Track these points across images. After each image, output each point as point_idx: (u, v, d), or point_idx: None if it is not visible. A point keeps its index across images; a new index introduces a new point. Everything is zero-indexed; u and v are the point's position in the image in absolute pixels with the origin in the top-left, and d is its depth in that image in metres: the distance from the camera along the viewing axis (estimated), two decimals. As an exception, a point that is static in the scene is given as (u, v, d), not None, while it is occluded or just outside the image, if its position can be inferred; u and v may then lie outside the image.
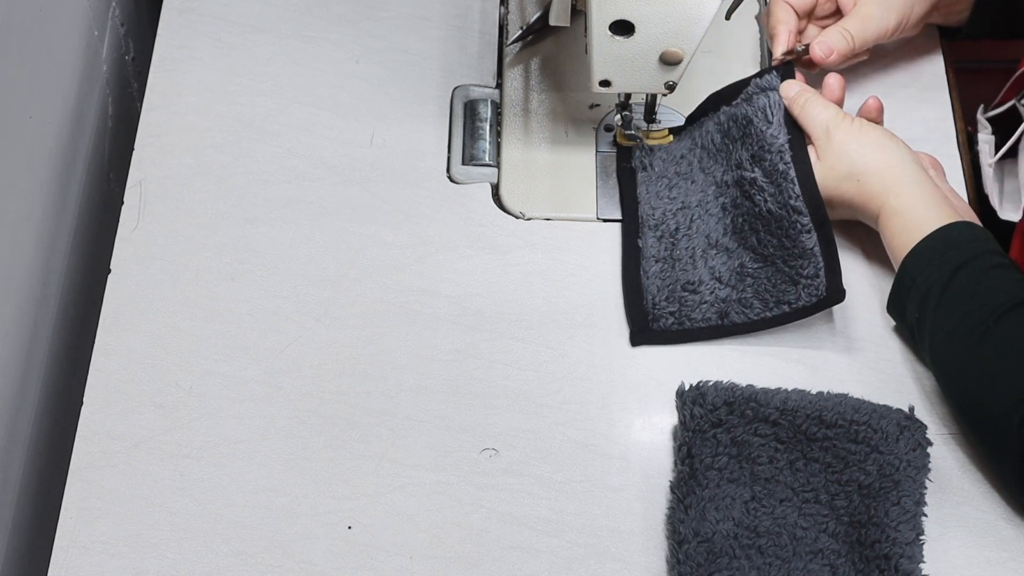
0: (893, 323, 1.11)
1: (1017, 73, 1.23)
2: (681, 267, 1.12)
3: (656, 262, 1.12)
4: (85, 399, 1.06)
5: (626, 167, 1.19)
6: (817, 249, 1.09)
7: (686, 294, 1.11)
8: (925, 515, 1.00)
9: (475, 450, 1.05)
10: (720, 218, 1.13)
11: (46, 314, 1.17)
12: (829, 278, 1.08)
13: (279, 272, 1.13)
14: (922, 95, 1.24)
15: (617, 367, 1.09)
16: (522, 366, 1.09)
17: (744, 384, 1.04)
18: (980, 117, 1.24)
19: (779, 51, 1.19)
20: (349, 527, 1.01)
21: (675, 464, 1.03)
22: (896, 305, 1.08)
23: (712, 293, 1.11)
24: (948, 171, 1.19)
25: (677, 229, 1.14)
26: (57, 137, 1.20)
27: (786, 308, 1.09)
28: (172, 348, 1.09)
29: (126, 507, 1.02)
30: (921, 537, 0.99)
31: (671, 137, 1.20)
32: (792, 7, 1.20)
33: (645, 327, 1.10)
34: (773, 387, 1.04)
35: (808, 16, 1.22)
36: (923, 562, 0.98)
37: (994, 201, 1.18)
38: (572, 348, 1.10)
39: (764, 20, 1.25)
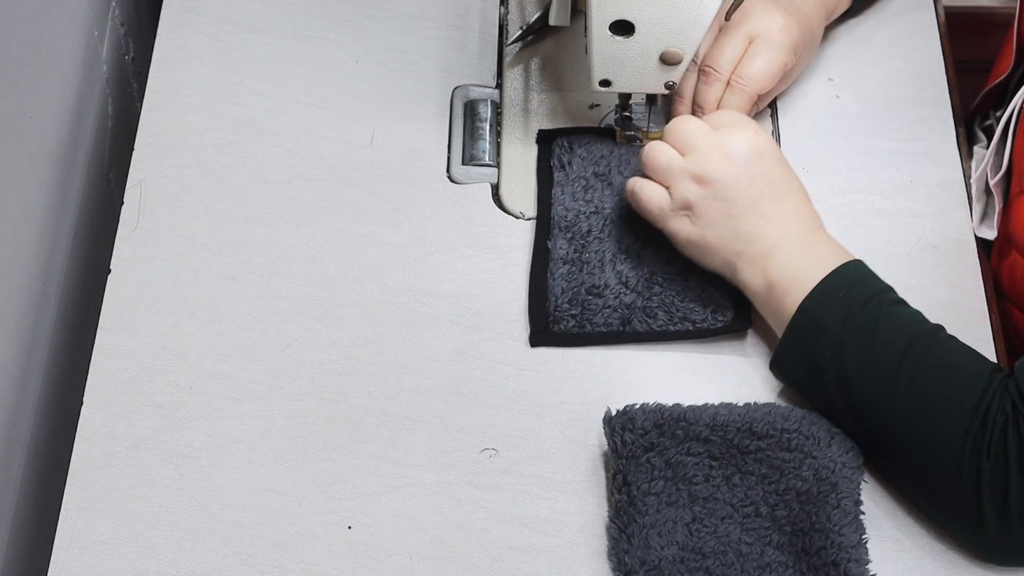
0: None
1: (987, 87, 1.23)
2: (588, 270, 1.11)
3: (564, 264, 1.11)
4: (85, 399, 1.06)
5: (544, 166, 1.18)
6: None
7: (590, 298, 1.10)
8: (863, 513, 0.99)
9: (475, 450, 1.05)
10: (634, 224, 1.13)
11: (46, 314, 1.17)
12: (738, 307, 1.09)
13: (279, 272, 1.13)
14: (922, 95, 1.24)
15: (617, 367, 1.09)
16: (522, 366, 1.09)
17: (682, 402, 1.03)
18: (977, 130, 1.24)
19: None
20: (349, 527, 1.01)
21: (611, 494, 1.02)
22: (792, 353, 1.02)
23: (617, 298, 1.10)
24: (947, 172, 1.19)
25: (589, 232, 1.13)
26: (57, 137, 1.20)
27: (690, 326, 1.09)
28: (172, 348, 1.09)
29: (126, 507, 1.02)
30: (864, 537, 0.98)
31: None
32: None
33: (545, 328, 1.09)
34: (700, 403, 1.03)
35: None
36: (870, 562, 0.97)
37: (975, 213, 1.17)
38: (572, 348, 1.10)
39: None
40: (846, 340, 0.99)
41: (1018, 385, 0.95)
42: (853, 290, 1.01)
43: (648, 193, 1.08)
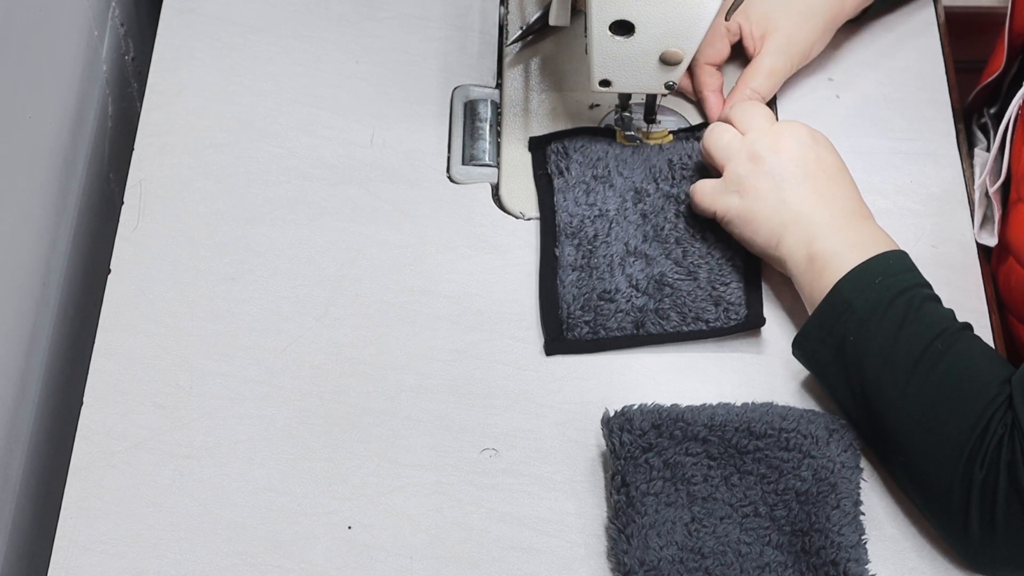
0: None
1: (980, 86, 1.23)
2: (598, 275, 1.11)
3: (573, 271, 1.11)
4: (85, 399, 1.06)
5: (542, 174, 1.18)
6: (742, 273, 1.10)
7: (602, 303, 1.09)
8: (863, 514, 0.99)
9: (475, 450, 1.05)
10: (639, 225, 1.13)
11: (46, 314, 1.17)
12: (751, 305, 1.09)
13: (279, 272, 1.13)
14: (922, 95, 1.24)
15: (617, 367, 1.09)
16: (522, 366, 1.09)
17: (681, 403, 1.03)
18: (976, 129, 1.24)
19: (714, 117, 1.21)
20: (349, 527, 1.01)
21: (610, 495, 1.02)
22: (819, 330, 1.03)
23: (628, 301, 1.10)
24: (947, 172, 1.19)
25: (595, 236, 1.13)
26: (57, 137, 1.20)
27: (703, 326, 1.09)
28: (172, 348, 1.09)
29: (126, 507, 1.02)
30: (863, 538, 0.98)
31: (671, 137, 1.20)
32: (714, 66, 1.21)
33: (559, 336, 1.09)
34: (699, 403, 1.03)
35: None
36: (869, 562, 0.97)
37: (976, 219, 1.17)
38: (572, 348, 1.10)
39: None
40: (872, 326, 1.00)
41: (1012, 401, 0.95)
42: (890, 279, 1.01)
43: (700, 181, 1.12)
